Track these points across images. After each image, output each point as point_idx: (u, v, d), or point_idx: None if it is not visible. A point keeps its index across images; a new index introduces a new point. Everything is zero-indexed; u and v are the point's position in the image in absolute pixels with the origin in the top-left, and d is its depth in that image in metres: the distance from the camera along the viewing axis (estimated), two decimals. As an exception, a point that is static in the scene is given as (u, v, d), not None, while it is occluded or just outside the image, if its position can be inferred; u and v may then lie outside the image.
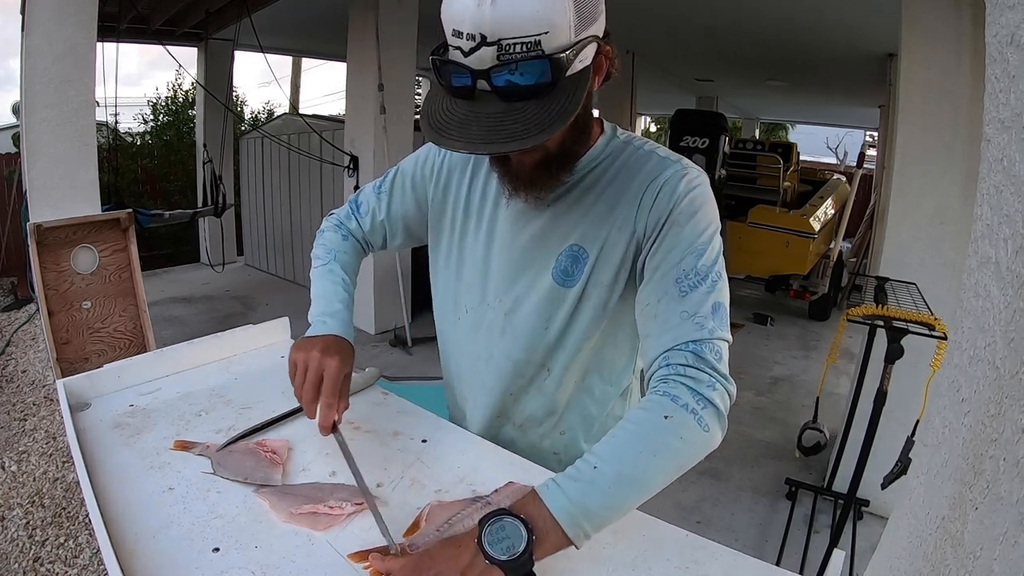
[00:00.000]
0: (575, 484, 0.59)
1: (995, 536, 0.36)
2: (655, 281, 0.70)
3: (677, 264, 0.69)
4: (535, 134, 0.59)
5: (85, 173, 2.66)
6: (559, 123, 0.59)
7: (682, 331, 0.66)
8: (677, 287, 0.68)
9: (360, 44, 4.03)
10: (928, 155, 2.18)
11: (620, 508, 0.61)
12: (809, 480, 2.61)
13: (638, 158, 0.76)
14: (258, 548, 0.63)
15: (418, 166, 0.90)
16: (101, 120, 3.96)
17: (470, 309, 0.86)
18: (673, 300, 0.68)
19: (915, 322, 1.71)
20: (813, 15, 3.92)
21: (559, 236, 0.78)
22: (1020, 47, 0.34)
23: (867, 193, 6.49)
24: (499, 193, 0.81)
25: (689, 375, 0.64)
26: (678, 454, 0.62)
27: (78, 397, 0.90)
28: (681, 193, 0.71)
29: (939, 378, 0.47)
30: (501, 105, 0.60)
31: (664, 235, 0.71)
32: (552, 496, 0.59)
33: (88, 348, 2.63)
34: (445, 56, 0.61)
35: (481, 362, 0.87)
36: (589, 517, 0.58)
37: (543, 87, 0.59)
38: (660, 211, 0.71)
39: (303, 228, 5.64)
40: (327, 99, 22.00)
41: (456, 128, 0.60)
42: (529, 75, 0.58)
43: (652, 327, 0.69)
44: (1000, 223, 0.37)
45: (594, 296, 0.78)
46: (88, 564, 1.88)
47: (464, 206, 0.85)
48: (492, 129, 0.59)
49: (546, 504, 0.58)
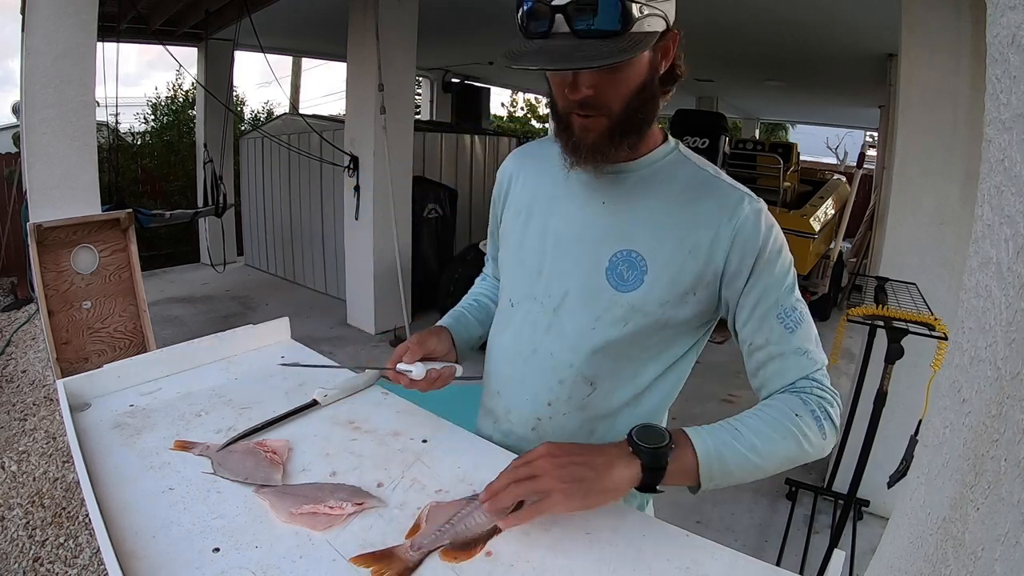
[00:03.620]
0: (720, 436, 0.69)
1: (996, 537, 0.36)
2: (757, 320, 0.77)
3: (776, 302, 0.76)
4: (603, 58, 0.64)
5: (85, 173, 2.66)
6: (624, 55, 0.65)
7: (801, 367, 0.76)
8: (782, 325, 0.76)
9: (360, 44, 4.03)
10: (928, 155, 2.18)
11: (740, 474, 0.70)
12: (809, 480, 2.61)
13: (705, 180, 0.79)
14: (258, 548, 0.63)
15: (496, 190, 0.96)
16: (101, 120, 3.97)
17: (516, 303, 0.87)
18: (783, 339, 0.76)
19: (915, 322, 1.71)
20: (813, 15, 3.91)
21: (615, 236, 0.78)
22: (1021, 48, 0.34)
23: (867, 193, 6.49)
24: (557, 187, 0.84)
25: (815, 392, 0.75)
26: (799, 448, 0.72)
27: (78, 397, 0.90)
28: (764, 231, 0.76)
29: (940, 378, 0.47)
30: (574, 40, 0.65)
31: (758, 277, 0.76)
32: (700, 437, 0.68)
33: (88, 348, 2.63)
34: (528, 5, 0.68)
35: (522, 358, 0.85)
36: (721, 466, 0.68)
37: (612, 32, 0.65)
38: (747, 250, 0.75)
39: (303, 228, 5.65)
40: (327, 99, 22.02)
41: (530, 55, 0.66)
42: (601, 18, 0.64)
43: (772, 367, 0.77)
44: (1001, 223, 0.37)
45: (648, 308, 0.77)
46: (88, 564, 1.88)
47: (522, 205, 0.88)
48: (563, 56, 0.65)
49: (692, 440, 0.68)
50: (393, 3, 3.93)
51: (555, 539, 0.66)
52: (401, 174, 4.25)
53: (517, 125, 13.66)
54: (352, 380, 0.98)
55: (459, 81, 8.82)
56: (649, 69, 0.72)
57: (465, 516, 0.66)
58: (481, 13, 4.67)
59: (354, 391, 0.98)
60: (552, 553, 0.64)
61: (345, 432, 0.86)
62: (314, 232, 5.50)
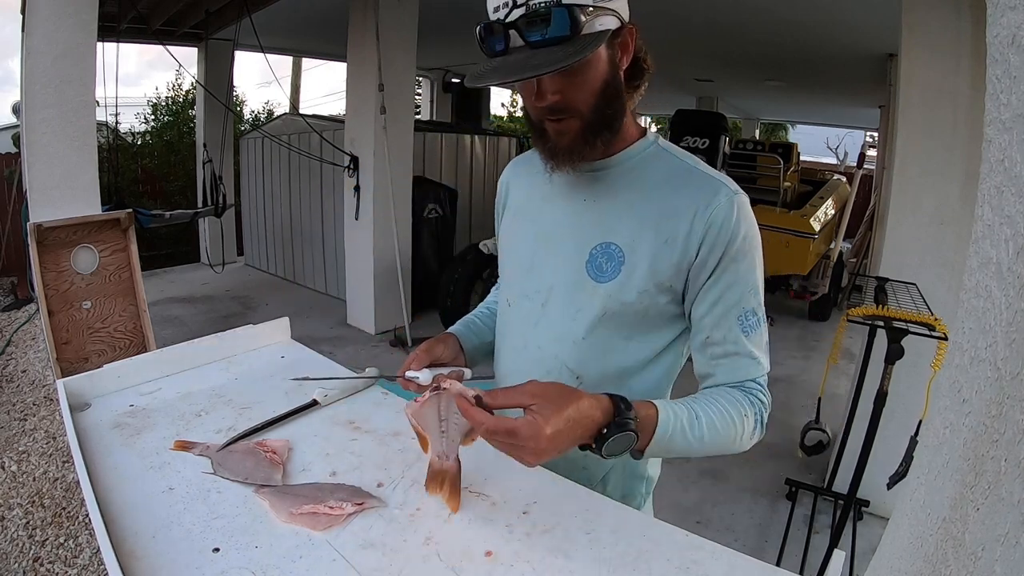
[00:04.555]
0: (683, 419, 0.72)
1: (996, 537, 0.36)
2: (717, 315, 0.78)
3: (738, 303, 0.78)
4: (553, 64, 0.67)
5: (85, 173, 2.66)
6: (574, 58, 0.67)
7: (749, 370, 0.79)
8: (740, 326, 0.78)
9: (360, 44, 4.03)
10: (928, 155, 2.18)
11: (679, 452, 0.74)
12: (809, 480, 2.61)
13: (684, 171, 0.80)
14: (258, 548, 0.63)
15: (497, 200, 1.00)
16: (101, 120, 3.97)
17: (512, 302, 0.90)
18: (739, 340, 0.78)
19: (915, 322, 1.71)
20: (813, 15, 3.92)
21: (596, 230, 0.81)
22: (1021, 48, 0.34)
23: (867, 193, 6.48)
24: (544, 189, 0.87)
25: (759, 397, 0.79)
26: (731, 445, 0.76)
27: (78, 397, 0.90)
28: (735, 224, 0.76)
29: (940, 379, 0.47)
30: (529, 52, 0.69)
31: (724, 269, 0.77)
32: (666, 423, 0.71)
33: (88, 348, 2.63)
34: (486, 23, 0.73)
35: (516, 352, 0.89)
36: (663, 448, 0.72)
37: (563, 38, 0.67)
38: (717, 241, 0.76)
39: (303, 228, 5.64)
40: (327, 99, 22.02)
41: (489, 72, 0.71)
42: (550, 27, 0.67)
43: (723, 365, 0.80)
44: (1001, 224, 0.37)
45: (625, 298, 0.79)
46: (88, 564, 1.88)
47: (516, 208, 0.93)
48: (519, 67, 0.68)
49: (657, 427, 0.70)
50: (393, 3, 3.93)
51: (555, 539, 0.66)
52: (401, 174, 4.26)
53: (517, 125, 13.64)
54: (352, 380, 0.98)
55: (459, 81, 8.83)
56: (610, 66, 0.74)
57: (452, 418, 0.69)
58: (481, 13, 4.64)
59: (354, 391, 0.98)
60: (552, 553, 0.64)
61: (345, 432, 0.86)
62: (314, 232, 5.50)
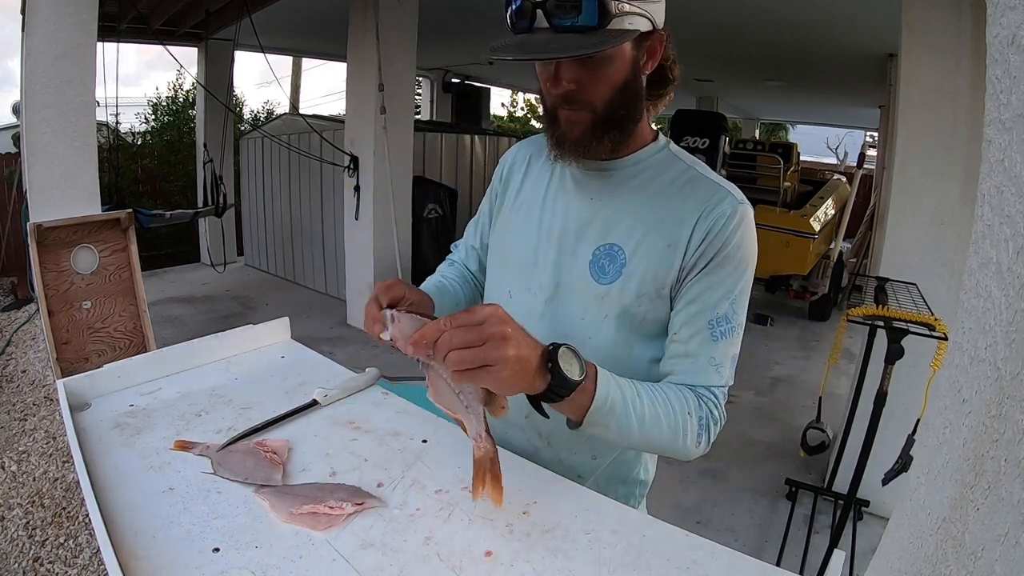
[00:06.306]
0: (624, 395, 0.69)
1: (996, 537, 0.36)
2: (690, 314, 0.77)
3: (714, 306, 0.76)
4: (573, 50, 0.67)
5: (85, 173, 2.66)
6: (596, 48, 0.67)
7: (707, 376, 0.77)
8: (710, 330, 0.76)
9: (360, 44, 4.03)
10: (928, 155, 2.18)
11: (615, 436, 0.70)
12: (809, 480, 2.61)
13: (692, 178, 0.79)
14: (258, 548, 0.63)
15: (493, 181, 0.98)
16: (101, 120, 3.96)
17: (514, 294, 0.89)
18: (705, 342, 0.76)
19: (915, 322, 1.71)
20: (813, 15, 3.91)
21: (600, 230, 0.80)
22: (1021, 48, 0.34)
23: (867, 193, 6.48)
24: (549, 182, 0.87)
25: (709, 406, 0.76)
26: (673, 443, 0.73)
27: (78, 397, 0.90)
28: (733, 231, 0.75)
29: (940, 379, 0.47)
30: (552, 35, 0.68)
31: (709, 272, 0.76)
32: (606, 385, 0.67)
33: (88, 348, 2.63)
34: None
35: None
36: (602, 420, 0.67)
37: (589, 28, 0.67)
38: (711, 244, 0.75)
39: (303, 228, 5.65)
40: (327, 99, 22.03)
41: (510, 48, 0.70)
42: (581, 16, 0.66)
43: (683, 364, 0.78)
44: (1001, 224, 0.37)
45: (624, 300, 0.78)
46: (88, 564, 1.88)
47: (516, 196, 0.91)
48: (539, 48, 0.68)
49: (597, 386, 0.66)
50: (393, 3, 3.93)
51: (555, 539, 0.66)
52: (401, 174, 4.26)
53: (517, 125, 13.65)
54: (352, 380, 0.98)
55: (459, 81, 8.83)
56: (632, 67, 0.73)
57: (465, 388, 0.66)
58: (481, 13, 4.66)
59: (354, 391, 0.98)
60: (552, 554, 0.64)
61: (345, 432, 0.86)
62: (314, 232, 5.50)
